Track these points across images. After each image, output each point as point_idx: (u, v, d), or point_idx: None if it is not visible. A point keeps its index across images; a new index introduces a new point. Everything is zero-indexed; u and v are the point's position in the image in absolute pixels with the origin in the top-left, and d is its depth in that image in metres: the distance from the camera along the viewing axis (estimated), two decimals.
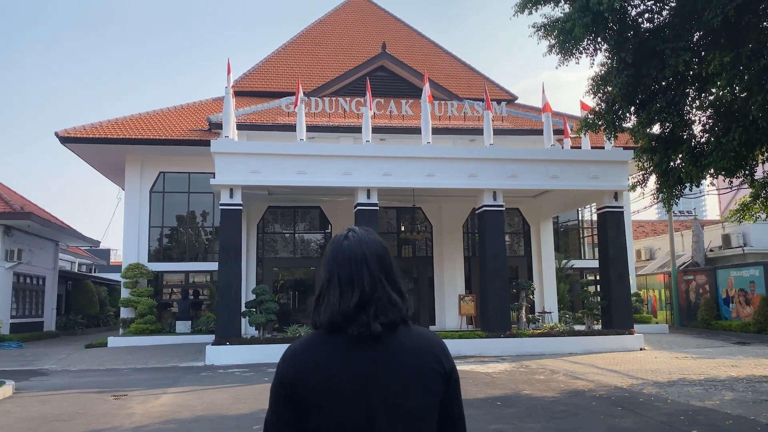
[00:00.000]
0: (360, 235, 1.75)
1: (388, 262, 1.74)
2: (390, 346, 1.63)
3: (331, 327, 1.65)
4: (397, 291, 1.71)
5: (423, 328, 1.75)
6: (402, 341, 1.65)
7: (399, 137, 20.76)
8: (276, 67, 27.05)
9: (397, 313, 1.66)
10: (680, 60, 9.02)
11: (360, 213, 16.94)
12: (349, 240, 1.74)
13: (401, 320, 1.67)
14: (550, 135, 18.92)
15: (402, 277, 1.79)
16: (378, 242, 1.75)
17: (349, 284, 1.68)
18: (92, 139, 20.61)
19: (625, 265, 18.31)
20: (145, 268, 21.20)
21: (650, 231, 39.39)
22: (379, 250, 1.73)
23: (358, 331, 1.61)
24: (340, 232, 1.80)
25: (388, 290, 1.69)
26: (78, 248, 36.34)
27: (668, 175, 11.25)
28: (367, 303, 1.65)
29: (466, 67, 28.83)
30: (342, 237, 1.77)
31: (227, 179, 16.33)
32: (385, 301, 1.66)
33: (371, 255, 1.72)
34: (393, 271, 1.74)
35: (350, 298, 1.65)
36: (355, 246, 1.72)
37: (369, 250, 1.72)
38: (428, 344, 1.67)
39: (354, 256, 1.71)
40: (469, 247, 23.03)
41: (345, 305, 1.64)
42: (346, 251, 1.72)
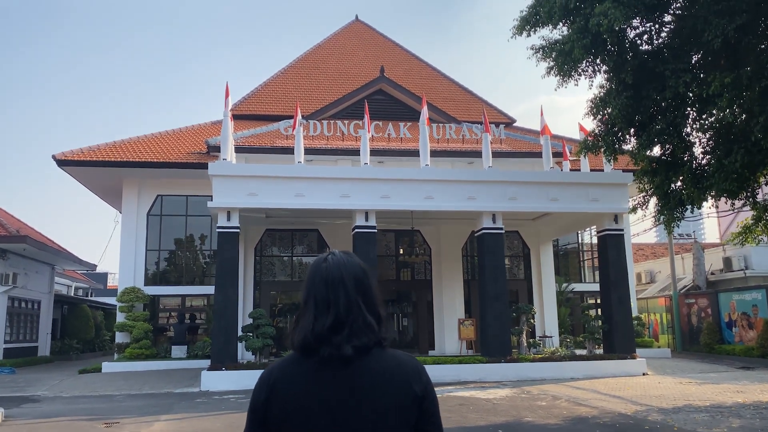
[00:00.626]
0: (339, 258, 1.77)
1: (367, 284, 1.75)
2: (360, 369, 1.63)
3: (303, 348, 1.66)
4: (374, 314, 1.71)
5: (399, 352, 1.74)
6: (373, 364, 1.64)
7: (397, 160, 20.71)
8: (275, 90, 27.12)
9: (371, 336, 1.66)
10: (680, 81, 8.97)
11: (358, 236, 16.79)
12: (328, 262, 1.76)
13: (376, 343, 1.67)
14: (549, 157, 18.87)
15: (382, 301, 1.79)
16: (357, 265, 1.77)
17: (324, 306, 1.68)
18: (90, 162, 20.52)
19: (626, 289, 18.12)
20: (141, 291, 20.96)
21: (650, 254, 39.20)
22: (358, 273, 1.74)
23: (328, 353, 1.62)
24: (321, 255, 1.82)
25: (364, 313, 1.68)
26: (74, 272, 36.06)
27: (669, 197, 11.13)
28: (341, 325, 1.65)
29: (464, 91, 28.93)
30: (321, 259, 1.79)
31: (225, 202, 16.21)
32: (360, 324, 1.66)
33: (349, 277, 1.72)
34: (372, 294, 1.74)
35: (325, 319, 1.66)
36: (333, 268, 1.74)
37: (347, 272, 1.73)
38: (399, 367, 1.66)
39: (331, 278, 1.72)
40: (468, 270, 22.83)
41: (319, 326, 1.65)
42: (323, 273, 1.74)
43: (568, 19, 9.83)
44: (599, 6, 8.77)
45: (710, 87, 8.57)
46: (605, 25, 8.58)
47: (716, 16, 8.58)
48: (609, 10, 8.54)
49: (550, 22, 10.05)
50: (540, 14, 10.03)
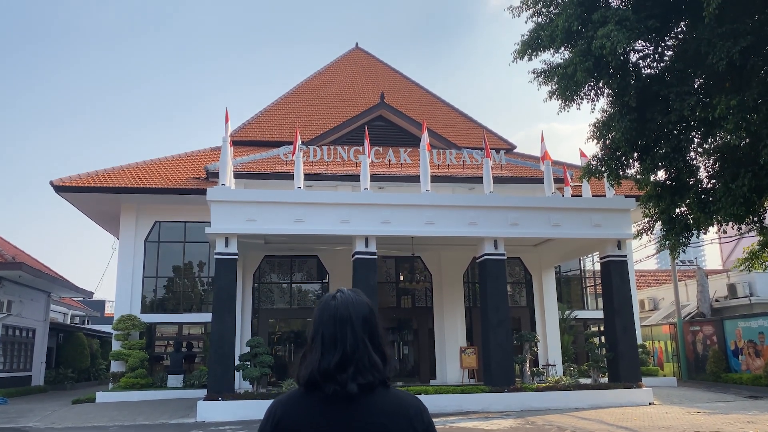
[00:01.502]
0: (347, 296, 1.82)
1: (374, 324, 1.79)
2: (364, 407, 1.66)
3: (309, 384, 1.70)
4: (379, 353, 1.75)
5: (402, 391, 1.78)
6: (376, 403, 1.68)
7: (397, 186, 20.56)
8: (275, 117, 27.12)
9: (376, 375, 1.70)
10: (685, 104, 8.84)
11: (358, 262, 16.56)
12: (337, 300, 1.81)
13: (380, 382, 1.71)
14: (551, 183, 18.73)
15: (387, 340, 1.84)
16: (365, 304, 1.82)
17: (332, 343, 1.72)
18: (87, 188, 20.36)
19: (630, 316, 17.83)
20: (138, 319, 20.62)
21: (652, 281, 38.88)
22: (365, 312, 1.79)
23: (333, 390, 1.65)
24: (330, 292, 1.87)
25: (370, 351, 1.73)
26: (71, 299, 35.68)
27: (675, 222, 10.94)
28: (347, 363, 1.69)
29: (464, 117, 28.94)
30: (330, 297, 1.84)
31: (223, 228, 16.01)
32: (365, 362, 1.70)
33: (357, 316, 1.77)
34: (378, 333, 1.79)
35: (331, 357, 1.69)
36: (341, 306, 1.78)
37: (355, 311, 1.78)
38: (402, 406, 1.70)
39: (339, 316, 1.76)
40: (469, 297, 22.53)
41: (325, 363, 1.69)
42: (332, 311, 1.78)
43: (571, 43, 9.75)
44: (602, 29, 8.68)
45: (716, 110, 8.44)
46: (608, 48, 8.49)
47: (720, 38, 8.49)
48: (612, 32, 8.45)
49: (552, 45, 9.96)
50: (542, 38, 9.95)
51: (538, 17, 10.64)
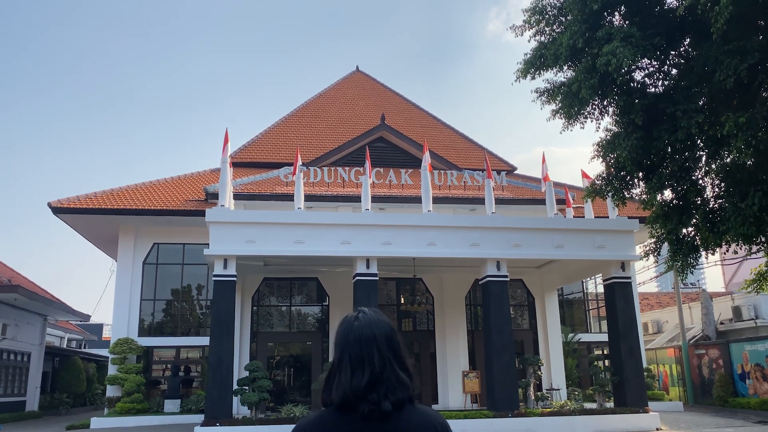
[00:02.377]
0: (369, 316, 1.87)
1: (396, 342, 1.85)
2: (398, 423, 1.72)
3: (342, 405, 1.73)
4: (404, 370, 1.81)
5: (426, 407, 1.87)
6: (408, 419, 1.74)
7: (399, 207, 20.39)
8: (275, 138, 27.06)
9: (405, 392, 1.76)
10: (692, 122, 8.70)
11: (359, 284, 16.31)
12: (360, 321, 1.85)
13: (408, 399, 1.77)
14: (553, 203, 18.56)
15: (409, 356, 1.88)
16: (386, 323, 1.86)
17: (359, 364, 1.76)
18: (86, 209, 20.17)
19: (636, 339, 17.53)
20: (135, 343, 20.29)
21: (655, 303, 38.53)
22: (388, 331, 1.84)
23: (369, 409, 1.69)
24: (351, 313, 1.91)
25: (397, 369, 1.78)
26: (68, 323, 35.27)
27: (682, 243, 10.73)
28: (377, 382, 1.73)
29: (464, 139, 28.89)
30: (353, 318, 1.88)
31: (221, 249, 15.79)
32: (393, 380, 1.75)
33: (381, 336, 1.81)
34: (401, 351, 1.84)
35: (361, 377, 1.74)
36: (365, 327, 1.83)
37: (378, 330, 1.82)
38: (430, 422, 1.77)
39: (364, 336, 1.81)
40: (472, 320, 22.21)
41: (356, 384, 1.73)
42: (356, 332, 1.82)
43: (575, 61, 9.65)
44: (607, 45, 8.58)
45: (724, 127, 8.29)
46: (614, 64, 8.37)
47: (727, 55, 8.38)
48: (617, 48, 8.34)
49: (556, 63, 9.86)
50: (545, 56, 9.85)
51: (541, 36, 10.56)
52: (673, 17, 10.26)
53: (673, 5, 10.96)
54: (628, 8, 10.24)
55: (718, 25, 7.59)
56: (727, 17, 7.39)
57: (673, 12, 10.49)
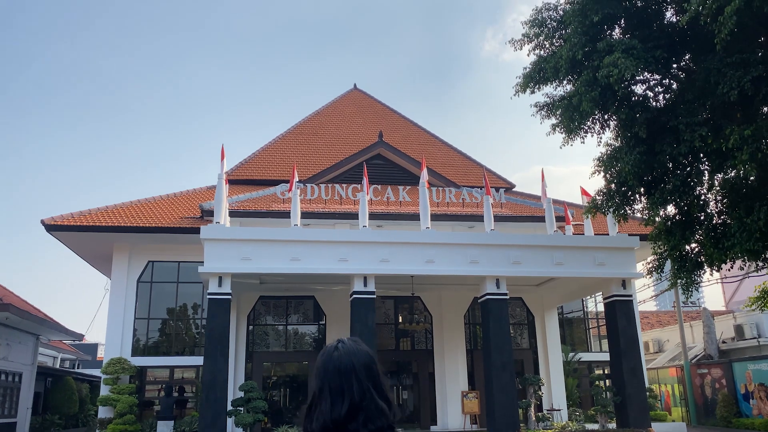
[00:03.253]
0: (349, 347, 1.89)
1: (376, 371, 1.87)
2: None
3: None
4: (384, 399, 1.82)
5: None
6: None
7: (396, 224, 20.16)
8: (272, 155, 26.90)
9: (384, 421, 1.78)
10: (695, 135, 8.54)
11: (356, 302, 16.04)
12: (339, 351, 1.87)
13: (388, 427, 1.78)
14: (552, 220, 18.37)
15: (389, 385, 1.90)
16: (366, 353, 1.89)
17: (339, 394, 1.79)
18: (80, 227, 19.90)
19: (638, 358, 17.24)
20: (128, 362, 19.90)
21: (655, 322, 38.21)
22: (367, 361, 1.86)
23: None
24: (331, 343, 1.93)
25: (376, 399, 1.80)
26: (61, 342, 34.77)
27: (686, 259, 10.51)
28: (356, 411, 1.75)
29: (462, 156, 28.77)
30: (332, 348, 1.91)
31: (216, 267, 15.54)
32: (373, 409, 1.77)
33: (360, 366, 1.83)
34: (380, 380, 1.86)
35: (341, 406, 1.75)
36: (344, 357, 1.85)
37: (358, 360, 1.84)
38: None
39: (343, 366, 1.83)
40: (471, 339, 21.89)
41: (336, 413, 1.74)
42: (335, 362, 1.85)
43: (575, 73, 9.51)
44: (608, 57, 8.45)
45: (729, 140, 8.13)
46: (615, 75, 8.22)
47: (730, 68, 8.25)
48: (619, 60, 8.21)
49: (555, 77, 9.73)
50: (545, 69, 9.71)
51: (540, 50, 10.45)
52: (673, 31, 10.18)
53: (672, 20, 10.90)
54: (627, 22, 10.14)
55: (722, 35, 7.46)
56: (731, 27, 7.27)
57: (673, 26, 10.41)
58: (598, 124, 10.29)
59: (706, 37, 9.17)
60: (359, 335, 15.80)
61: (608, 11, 8.99)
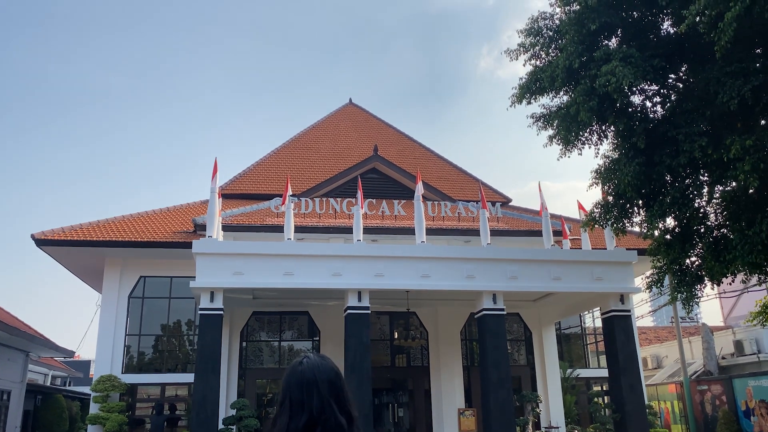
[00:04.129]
0: (313, 361, 1.94)
1: (339, 386, 1.90)
2: None
3: None
4: (345, 414, 1.85)
5: None
6: None
7: (391, 238, 19.93)
8: (267, 170, 26.71)
9: None
10: (695, 145, 8.36)
11: (350, 317, 15.76)
12: (303, 365, 1.92)
13: None
14: (550, 234, 18.17)
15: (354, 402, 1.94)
16: (330, 368, 1.93)
17: (299, 406, 1.82)
18: (70, 241, 19.60)
19: (637, 374, 16.96)
20: (118, 380, 19.50)
21: (653, 338, 37.92)
22: (331, 376, 1.90)
23: None
24: (297, 358, 1.98)
25: (336, 413, 1.83)
26: (52, 359, 34.29)
27: (686, 273, 10.29)
28: (314, 424, 1.80)
29: (458, 170, 28.63)
30: (297, 362, 1.96)
31: (208, 281, 15.27)
32: (332, 423, 1.81)
33: (322, 380, 1.87)
34: (344, 395, 1.89)
35: (299, 419, 1.80)
36: (307, 371, 1.89)
37: (321, 375, 1.88)
38: None
39: (306, 380, 1.87)
40: (467, 356, 21.57)
41: (294, 426, 1.80)
42: (298, 375, 1.89)
43: (572, 83, 9.35)
44: (606, 66, 8.29)
45: (730, 151, 7.95)
46: (614, 84, 8.06)
47: (730, 77, 8.10)
48: (617, 68, 8.05)
49: (552, 87, 9.56)
50: (542, 79, 9.55)
51: (536, 60, 10.30)
52: (670, 42, 10.05)
53: (668, 31, 10.78)
54: (624, 32, 10.02)
55: (722, 43, 7.32)
56: (732, 34, 7.12)
57: (670, 38, 10.29)
58: (595, 135, 10.12)
59: (703, 47, 9.05)
60: (354, 351, 15.52)
61: (605, 20, 8.86)
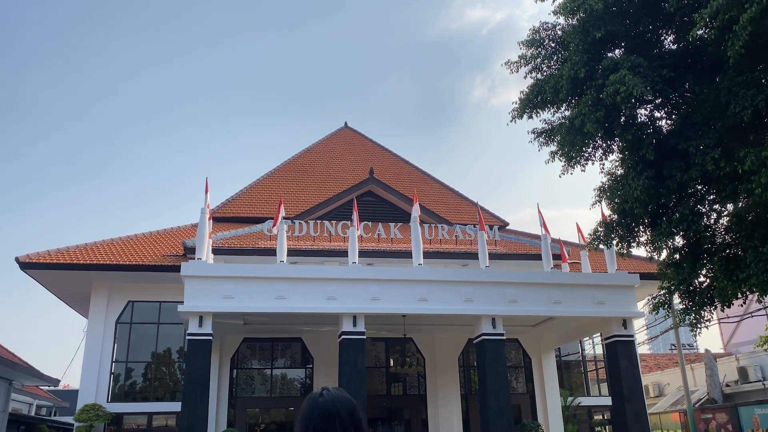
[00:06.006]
0: (333, 394, 2.08)
1: (359, 418, 2.04)
2: None
3: None
4: None
5: None
6: None
7: (387, 261, 19.42)
8: (261, 193, 26.27)
9: None
10: (708, 158, 7.97)
11: (345, 342, 15.17)
12: (324, 397, 2.04)
13: None
14: (549, 257, 17.70)
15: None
16: (349, 400, 2.06)
17: None
18: (56, 264, 19.00)
19: (641, 403, 16.39)
20: (103, 409, 18.73)
21: (653, 365, 37.26)
22: (351, 408, 2.03)
23: None
24: (316, 391, 2.13)
25: None
26: (38, 388, 33.29)
27: (696, 294, 9.82)
28: None
29: (455, 194, 28.27)
30: (317, 394, 2.08)
31: (196, 305, 14.69)
32: None
33: (344, 411, 1.99)
34: (362, 426, 2.03)
35: None
36: (329, 403, 2.01)
37: (342, 407, 2.00)
38: None
39: (328, 412, 1.98)
40: (465, 383, 20.91)
41: None
42: (321, 407, 2.00)
43: (577, 95, 8.98)
44: (613, 75, 7.93)
45: (745, 163, 7.56)
46: (623, 93, 7.68)
47: (742, 86, 7.75)
48: (626, 77, 7.69)
49: (556, 98, 9.20)
50: (545, 91, 9.19)
51: (537, 73, 9.96)
52: (674, 55, 9.74)
53: (671, 47, 10.51)
54: (628, 45, 9.71)
55: (735, 48, 6.98)
56: (746, 38, 6.79)
57: (674, 52, 10.00)
58: (600, 151, 9.76)
59: (708, 61, 8.71)
60: (348, 379, 14.91)
61: (611, 29, 8.55)
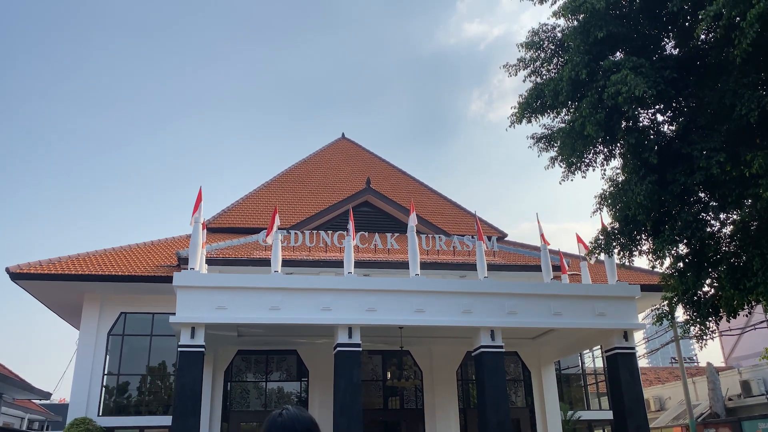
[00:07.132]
0: (292, 413, 2.14)
1: None
2: None
3: None
4: None
5: None
6: None
7: (384, 272, 19.10)
8: (257, 203, 26.00)
9: None
10: (713, 162, 7.73)
11: (340, 355, 14.83)
12: (283, 417, 2.11)
13: None
14: (549, 268, 17.41)
15: None
16: (308, 419, 2.13)
17: None
18: (48, 275, 18.67)
19: (643, 416, 16.00)
20: (93, 423, 18.29)
21: (654, 379, 36.82)
22: (309, 426, 2.10)
23: None
24: (276, 410, 2.20)
25: None
26: (29, 401, 32.80)
27: (701, 304, 9.53)
28: None
29: (453, 205, 28.03)
30: (277, 414, 2.15)
31: (189, 316, 14.37)
32: None
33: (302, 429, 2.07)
34: None
35: None
36: (287, 422, 2.08)
37: (300, 425, 2.08)
38: None
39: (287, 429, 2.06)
40: (464, 397, 20.53)
41: None
42: (279, 426, 2.09)
43: (578, 96, 8.74)
44: (615, 75, 7.70)
45: (752, 167, 7.31)
46: (625, 94, 7.45)
47: (747, 88, 7.52)
48: (629, 77, 7.46)
49: (556, 102, 8.96)
50: (544, 94, 8.96)
51: (536, 77, 9.74)
52: (675, 60, 9.53)
53: (672, 52, 10.32)
54: (628, 48, 9.50)
55: (743, 46, 6.76)
56: (754, 35, 6.57)
57: (674, 57, 9.80)
58: (601, 156, 9.52)
59: (712, 63, 8.49)
60: (343, 392, 14.57)
61: (612, 29, 8.34)
